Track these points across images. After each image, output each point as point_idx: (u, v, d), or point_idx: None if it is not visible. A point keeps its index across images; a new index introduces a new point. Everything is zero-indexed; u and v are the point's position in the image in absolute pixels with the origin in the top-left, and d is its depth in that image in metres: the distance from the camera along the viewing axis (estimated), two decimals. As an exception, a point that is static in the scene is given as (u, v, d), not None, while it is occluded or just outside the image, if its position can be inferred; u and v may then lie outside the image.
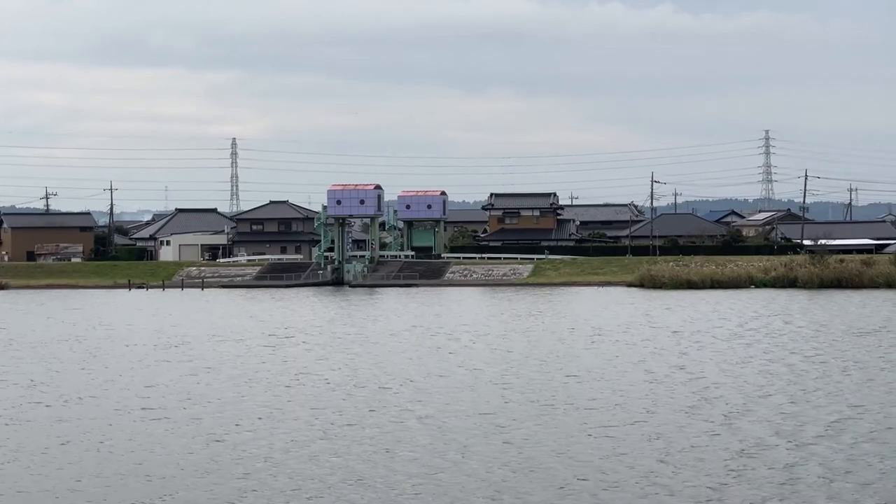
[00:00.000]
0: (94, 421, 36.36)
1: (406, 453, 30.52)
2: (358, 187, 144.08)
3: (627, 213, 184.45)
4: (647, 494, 25.59)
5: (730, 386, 42.33)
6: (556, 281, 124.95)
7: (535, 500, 25.37)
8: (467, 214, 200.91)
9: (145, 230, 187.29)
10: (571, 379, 44.93)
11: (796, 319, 73.63)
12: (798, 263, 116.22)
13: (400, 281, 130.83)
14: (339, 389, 43.10)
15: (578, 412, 36.81)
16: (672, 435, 32.62)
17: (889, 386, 41.86)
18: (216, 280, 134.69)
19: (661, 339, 61.22)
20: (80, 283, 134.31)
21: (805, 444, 30.83)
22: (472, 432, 33.53)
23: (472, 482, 27.10)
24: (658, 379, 44.51)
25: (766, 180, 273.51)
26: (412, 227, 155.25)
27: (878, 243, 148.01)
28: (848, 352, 53.56)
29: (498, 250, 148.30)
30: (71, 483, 27.65)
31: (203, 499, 25.91)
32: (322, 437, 33.00)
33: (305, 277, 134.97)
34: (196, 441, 32.61)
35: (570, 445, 31.13)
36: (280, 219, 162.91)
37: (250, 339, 64.76)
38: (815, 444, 30.97)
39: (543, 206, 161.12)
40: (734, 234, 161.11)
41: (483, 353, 54.89)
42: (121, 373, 48.95)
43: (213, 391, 42.91)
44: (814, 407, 37.25)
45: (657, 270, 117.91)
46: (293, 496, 25.99)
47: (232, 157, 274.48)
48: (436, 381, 44.88)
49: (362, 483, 27.09)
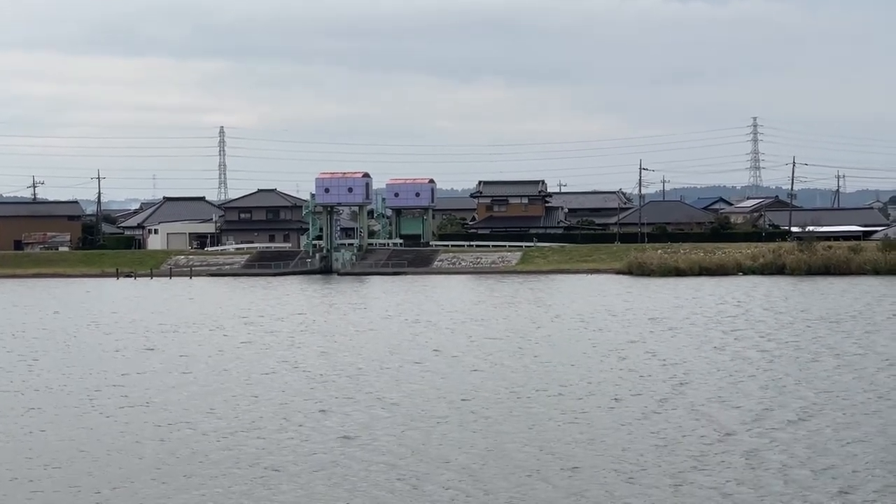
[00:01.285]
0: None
1: (369, 440, 30.58)
2: (346, 175, 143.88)
3: (616, 200, 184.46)
4: (607, 481, 25.64)
5: (700, 373, 42.29)
6: (545, 268, 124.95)
7: (499, 485, 25.36)
8: (456, 202, 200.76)
9: (133, 219, 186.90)
10: (544, 365, 44.78)
11: (777, 306, 73.65)
12: (786, 250, 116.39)
13: (388, 269, 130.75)
14: (312, 376, 43.09)
15: (549, 398, 36.77)
16: (638, 421, 32.73)
17: (858, 373, 41.79)
18: (204, 268, 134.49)
19: (639, 325, 61.12)
20: (68, 272, 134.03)
21: (768, 431, 30.80)
22: (440, 417, 33.60)
23: (434, 467, 27.15)
24: (630, 366, 44.41)
25: (754, 167, 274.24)
26: (401, 215, 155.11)
27: (865, 230, 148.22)
28: (823, 338, 53.42)
29: (486, 238, 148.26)
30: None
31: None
32: (284, 426, 33.06)
33: (294, 266, 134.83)
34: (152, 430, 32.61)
35: (538, 432, 31.06)
36: (268, 207, 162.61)
37: (226, 327, 64.69)
38: (779, 429, 30.97)
39: (532, 194, 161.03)
40: (722, 221, 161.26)
41: (460, 340, 54.73)
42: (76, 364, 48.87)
43: (187, 380, 42.84)
44: (781, 393, 37.20)
45: (645, 258, 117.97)
46: (249, 483, 25.97)
47: (220, 145, 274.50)
48: (410, 368, 44.87)
49: (326, 470, 27.12)
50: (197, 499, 24.81)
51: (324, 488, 25.45)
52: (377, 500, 24.38)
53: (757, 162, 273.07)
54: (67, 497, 25.31)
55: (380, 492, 24.98)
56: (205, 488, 25.60)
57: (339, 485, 25.70)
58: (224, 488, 25.58)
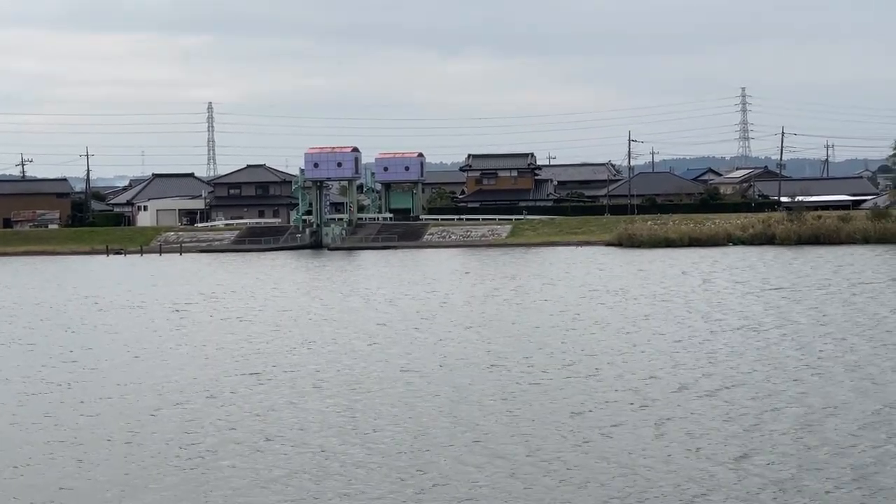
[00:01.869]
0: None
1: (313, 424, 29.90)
2: (335, 150, 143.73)
3: (605, 172, 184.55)
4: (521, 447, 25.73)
5: (647, 344, 41.89)
6: (535, 241, 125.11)
7: (433, 471, 24.59)
8: (445, 176, 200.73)
9: (122, 196, 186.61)
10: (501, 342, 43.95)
11: (741, 276, 73.48)
12: (776, 220, 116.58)
13: (378, 243, 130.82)
14: (258, 353, 42.73)
15: (489, 373, 36.38)
16: (559, 390, 32.82)
17: (802, 342, 41.47)
18: (194, 245, 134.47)
19: (602, 297, 60.87)
20: (58, 250, 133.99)
21: (686, 401, 30.67)
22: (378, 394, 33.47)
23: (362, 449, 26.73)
24: (575, 337, 44.11)
25: (742, 138, 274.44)
26: (390, 189, 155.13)
27: (854, 199, 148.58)
28: (780, 308, 52.98)
29: (476, 211, 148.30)
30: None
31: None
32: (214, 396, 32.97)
33: (283, 241, 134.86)
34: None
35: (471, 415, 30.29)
36: (257, 183, 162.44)
37: (192, 303, 64.71)
38: (695, 400, 30.82)
39: (521, 167, 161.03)
40: (712, 191, 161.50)
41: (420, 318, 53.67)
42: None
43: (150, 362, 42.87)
44: (712, 363, 37.03)
45: (635, 229, 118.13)
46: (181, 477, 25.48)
47: (208, 121, 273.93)
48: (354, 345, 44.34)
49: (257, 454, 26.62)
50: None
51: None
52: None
53: (746, 132, 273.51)
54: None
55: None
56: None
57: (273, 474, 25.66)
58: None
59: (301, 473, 24.24)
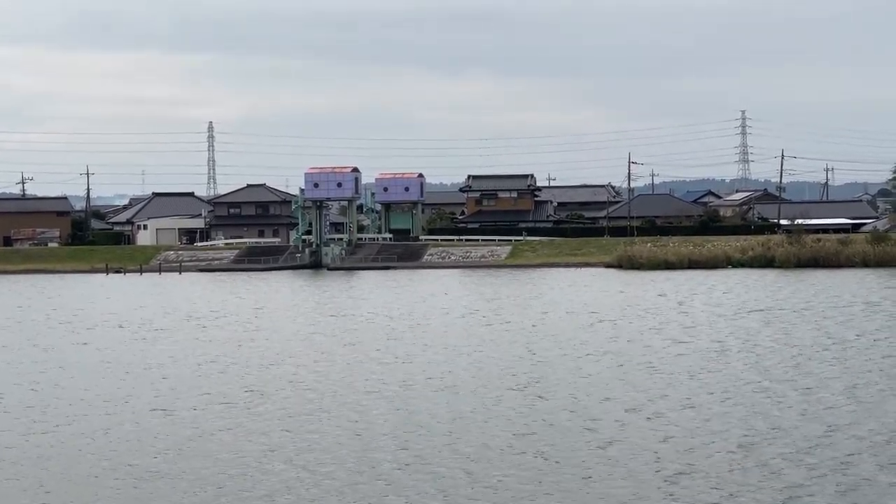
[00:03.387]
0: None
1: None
2: (335, 170, 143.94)
3: (605, 193, 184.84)
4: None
5: (604, 368, 41.90)
6: (535, 262, 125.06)
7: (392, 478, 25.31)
8: (445, 196, 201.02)
9: (122, 214, 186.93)
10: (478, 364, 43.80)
11: (718, 298, 73.64)
12: (775, 243, 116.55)
13: (378, 263, 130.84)
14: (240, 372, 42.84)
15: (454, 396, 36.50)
16: (512, 409, 33.23)
17: (760, 365, 41.55)
18: (194, 264, 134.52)
19: (580, 319, 60.86)
20: (58, 268, 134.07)
21: (633, 420, 31.13)
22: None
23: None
24: (545, 359, 44.08)
25: (742, 160, 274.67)
26: (390, 209, 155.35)
27: (854, 222, 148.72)
28: (748, 331, 53.05)
29: (476, 232, 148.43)
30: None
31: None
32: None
33: (283, 261, 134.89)
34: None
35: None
36: (257, 202, 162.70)
37: (179, 324, 64.64)
38: (645, 418, 31.35)
39: (521, 188, 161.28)
40: (711, 214, 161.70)
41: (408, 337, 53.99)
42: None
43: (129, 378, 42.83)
44: (670, 384, 37.25)
45: (635, 251, 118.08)
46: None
47: (209, 140, 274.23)
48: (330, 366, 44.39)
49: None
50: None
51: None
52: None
53: (745, 155, 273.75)
54: None
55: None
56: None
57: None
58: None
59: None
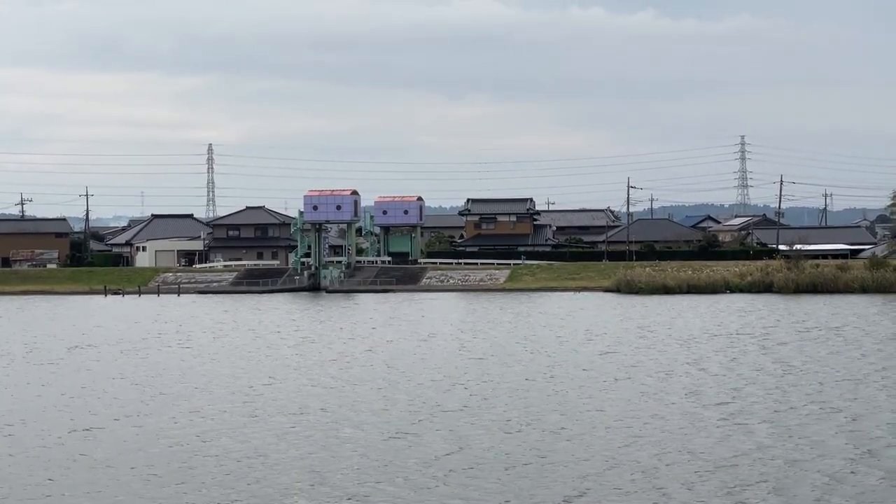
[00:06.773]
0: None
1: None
2: (335, 193, 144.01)
3: (604, 218, 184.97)
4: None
5: (563, 391, 42.46)
6: (533, 286, 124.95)
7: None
8: (444, 220, 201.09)
9: (121, 236, 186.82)
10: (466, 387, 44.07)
11: (705, 323, 74.30)
12: (774, 268, 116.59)
13: (376, 286, 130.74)
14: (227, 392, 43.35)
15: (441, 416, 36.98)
16: (494, 423, 34.41)
17: (701, 391, 41.95)
18: (192, 286, 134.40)
19: (572, 343, 61.30)
20: (56, 290, 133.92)
21: (595, 437, 32.34)
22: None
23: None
24: (533, 386, 44.06)
25: (741, 185, 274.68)
26: (389, 232, 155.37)
27: (853, 248, 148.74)
28: (701, 356, 53.59)
29: (474, 256, 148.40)
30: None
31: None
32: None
33: (282, 283, 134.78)
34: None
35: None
36: (256, 224, 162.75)
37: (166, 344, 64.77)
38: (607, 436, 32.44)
39: (520, 212, 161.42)
40: (710, 239, 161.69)
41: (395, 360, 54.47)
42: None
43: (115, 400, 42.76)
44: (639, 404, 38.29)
45: (633, 275, 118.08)
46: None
47: (208, 162, 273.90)
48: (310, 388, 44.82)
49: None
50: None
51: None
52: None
53: (745, 180, 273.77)
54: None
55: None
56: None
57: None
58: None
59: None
